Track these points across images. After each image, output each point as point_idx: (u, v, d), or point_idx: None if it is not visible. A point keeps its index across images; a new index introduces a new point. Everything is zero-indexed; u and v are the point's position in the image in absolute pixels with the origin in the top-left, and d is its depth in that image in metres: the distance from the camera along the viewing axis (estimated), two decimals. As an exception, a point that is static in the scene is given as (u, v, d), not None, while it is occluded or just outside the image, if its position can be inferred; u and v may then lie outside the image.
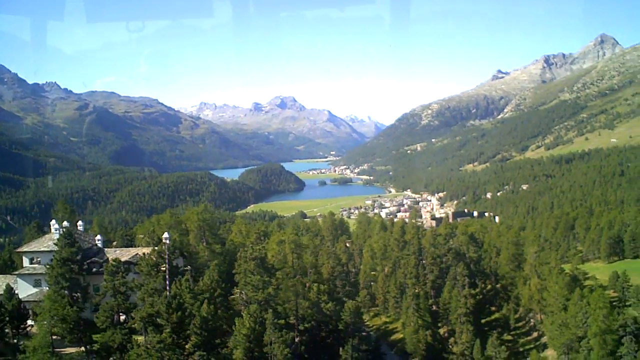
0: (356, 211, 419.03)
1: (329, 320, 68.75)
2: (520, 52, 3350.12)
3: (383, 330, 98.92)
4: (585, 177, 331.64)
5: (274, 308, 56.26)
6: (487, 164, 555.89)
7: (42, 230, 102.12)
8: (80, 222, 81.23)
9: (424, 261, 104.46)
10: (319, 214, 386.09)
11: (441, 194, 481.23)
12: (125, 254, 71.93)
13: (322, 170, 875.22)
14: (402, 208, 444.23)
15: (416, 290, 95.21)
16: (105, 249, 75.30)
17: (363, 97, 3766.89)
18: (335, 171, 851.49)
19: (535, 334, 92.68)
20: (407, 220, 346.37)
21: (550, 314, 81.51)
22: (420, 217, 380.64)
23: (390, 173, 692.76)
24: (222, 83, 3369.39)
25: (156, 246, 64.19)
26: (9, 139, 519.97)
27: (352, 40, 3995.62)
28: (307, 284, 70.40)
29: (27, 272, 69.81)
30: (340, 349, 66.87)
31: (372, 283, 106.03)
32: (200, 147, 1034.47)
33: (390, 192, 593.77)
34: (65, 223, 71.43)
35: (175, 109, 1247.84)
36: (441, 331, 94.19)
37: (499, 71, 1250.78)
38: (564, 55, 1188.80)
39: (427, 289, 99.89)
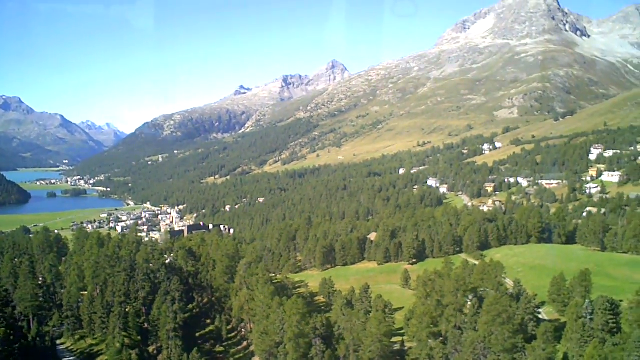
0: (89, 225, 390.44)
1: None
2: (262, 70, 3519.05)
3: (87, 353, 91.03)
4: (314, 191, 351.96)
5: None
6: (228, 177, 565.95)
7: None
8: None
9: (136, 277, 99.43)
10: (45, 228, 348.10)
11: (181, 207, 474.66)
12: None
13: (52, 181, 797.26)
14: (140, 221, 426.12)
15: (126, 309, 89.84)
16: None
17: (102, 102, 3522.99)
18: (68, 182, 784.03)
19: (245, 344, 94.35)
20: (142, 234, 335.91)
21: (257, 323, 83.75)
22: (160, 230, 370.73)
23: (130, 185, 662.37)
24: None
25: None
26: None
27: (90, 38, 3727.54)
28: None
29: None
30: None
31: (80, 304, 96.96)
32: None
33: (128, 204, 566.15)
34: None
35: None
36: (150, 349, 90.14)
37: (242, 87, 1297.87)
38: (300, 76, 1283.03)
39: (138, 307, 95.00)
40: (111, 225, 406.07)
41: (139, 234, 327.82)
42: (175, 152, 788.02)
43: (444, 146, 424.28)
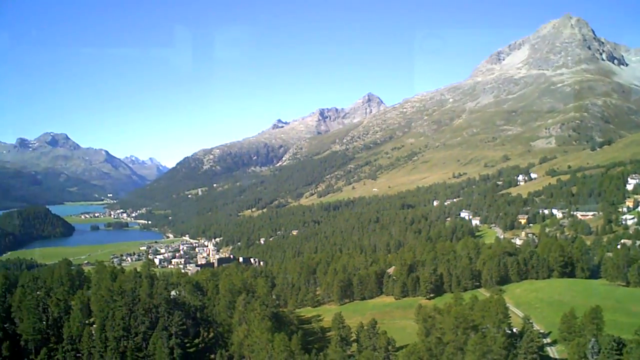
0: (129, 258, 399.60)
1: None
2: (299, 104, 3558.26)
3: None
4: (347, 223, 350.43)
5: None
6: (265, 209, 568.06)
7: None
8: None
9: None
10: (86, 261, 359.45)
11: (218, 239, 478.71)
12: None
13: (96, 214, 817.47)
14: (177, 254, 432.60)
15: (125, 344, 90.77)
16: None
17: (146, 138, 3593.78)
18: (111, 215, 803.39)
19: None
20: (180, 266, 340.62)
21: (255, 359, 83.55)
22: (196, 263, 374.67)
23: (170, 218, 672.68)
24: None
25: None
26: None
27: (132, 78, 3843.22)
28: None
29: None
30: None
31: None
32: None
33: (168, 237, 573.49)
34: None
35: None
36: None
37: (279, 121, 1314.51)
38: (337, 109, 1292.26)
39: (139, 341, 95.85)
40: (150, 257, 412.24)
41: (178, 266, 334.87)
42: (214, 185, 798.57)
43: (479, 177, 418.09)
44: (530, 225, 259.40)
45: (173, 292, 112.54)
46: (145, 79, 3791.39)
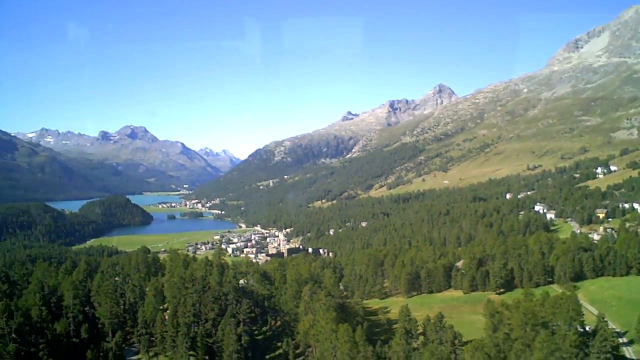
0: (203, 247, 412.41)
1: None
2: (368, 96, 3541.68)
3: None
4: (416, 216, 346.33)
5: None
6: (334, 201, 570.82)
7: None
8: None
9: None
10: (163, 249, 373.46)
11: (289, 230, 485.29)
12: None
13: (173, 204, 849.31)
14: (249, 243, 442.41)
15: (195, 329, 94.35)
16: None
17: (219, 130, 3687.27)
18: (186, 205, 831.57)
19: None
20: (251, 256, 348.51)
21: (319, 348, 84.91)
22: (267, 252, 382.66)
23: (242, 208, 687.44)
24: (66, 108, 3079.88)
25: None
26: None
27: (205, 72, 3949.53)
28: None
29: None
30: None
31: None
32: (39, 176, 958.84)
33: (240, 227, 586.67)
34: None
35: (11, 134, 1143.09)
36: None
37: (349, 113, 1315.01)
38: (407, 101, 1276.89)
39: (209, 327, 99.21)
40: (223, 246, 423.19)
41: (249, 256, 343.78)
42: (285, 177, 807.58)
43: (555, 170, 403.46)
44: (609, 219, 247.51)
45: (242, 281, 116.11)
46: (218, 72, 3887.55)
